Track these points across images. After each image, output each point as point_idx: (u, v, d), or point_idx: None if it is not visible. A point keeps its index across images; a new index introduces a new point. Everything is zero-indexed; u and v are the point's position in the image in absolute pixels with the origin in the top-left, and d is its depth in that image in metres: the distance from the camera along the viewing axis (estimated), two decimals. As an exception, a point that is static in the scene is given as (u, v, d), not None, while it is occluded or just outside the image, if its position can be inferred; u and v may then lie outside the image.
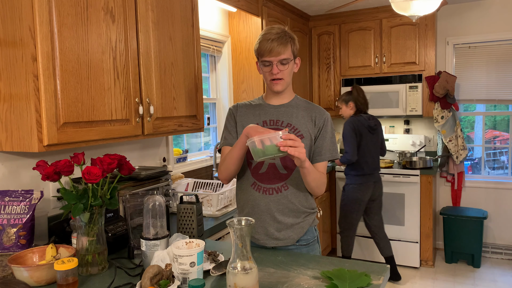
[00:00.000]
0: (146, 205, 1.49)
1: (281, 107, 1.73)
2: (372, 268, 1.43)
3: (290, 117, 1.70)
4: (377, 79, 4.22)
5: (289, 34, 1.66)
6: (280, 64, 1.64)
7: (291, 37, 1.66)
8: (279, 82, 1.66)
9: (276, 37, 1.61)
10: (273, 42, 1.61)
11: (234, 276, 1.15)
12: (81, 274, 1.45)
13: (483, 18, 4.07)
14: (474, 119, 4.39)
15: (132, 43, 1.88)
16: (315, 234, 1.78)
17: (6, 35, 1.52)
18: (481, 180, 4.23)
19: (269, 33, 1.63)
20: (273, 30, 1.64)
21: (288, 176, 1.68)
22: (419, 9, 2.58)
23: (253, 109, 1.76)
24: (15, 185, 1.79)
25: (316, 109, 1.74)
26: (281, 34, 1.62)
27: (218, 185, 2.65)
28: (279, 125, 1.70)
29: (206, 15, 3.28)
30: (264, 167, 1.69)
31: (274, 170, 1.68)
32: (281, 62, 1.63)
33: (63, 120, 1.56)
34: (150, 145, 2.60)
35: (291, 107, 1.73)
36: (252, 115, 1.74)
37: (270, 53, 1.62)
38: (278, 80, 1.66)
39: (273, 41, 1.61)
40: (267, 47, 1.61)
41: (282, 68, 1.64)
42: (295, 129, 1.68)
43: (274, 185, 1.68)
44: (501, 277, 3.71)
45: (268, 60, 1.64)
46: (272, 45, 1.61)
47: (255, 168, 1.70)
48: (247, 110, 1.76)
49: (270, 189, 1.68)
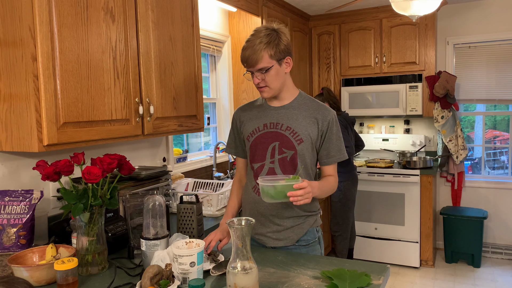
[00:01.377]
0: (146, 205, 1.49)
1: (281, 109, 1.69)
2: (372, 268, 1.43)
3: (289, 120, 1.66)
4: (377, 79, 4.22)
5: (268, 38, 1.54)
6: (259, 73, 1.58)
7: (268, 41, 1.54)
8: (264, 89, 1.63)
9: (249, 45, 1.55)
10: (246, 51, 1.55)
11: (234, 276, 1.15)
12: (81, 274, 1.45)
13: (483, 18, 4.07)
14: (474, 119, 4.39)
15: (132, 43, 1.88)
16: (317, 235, 1.76)
17: (6, 35, 1.52)
18: (481, 180, 4.23)
19: (247, 41, 1.57)
20: (250, 36, 1.57)
21: None
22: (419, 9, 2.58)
23: (256, 112, 1.74)
24: (15, 185, 1.79)
25: (320, 110, 1.67)
26: (255, 42, 1.53)
27: (218, 185, 2.65)
28: (278, 128, 1.66)
29: (206, 15, 3.28)
30: (264, 171, 1.69)
31: (273, 174, 1.68)
32: (259, 71, 1.58)
33: (63, 120, 1.56)
34: (150, 145, 2.60)
35: (292, 108, 1.68)
36: (255, 119, 1.72)
37: (246, 63, 1.58)
38: (263, 87, 1.62)
39: (245, 49, 1.56)
40: (243, 57, 1.57)
41: (261, 77, 1.59)
42: (294, 133, 1.65)
43: None
44: (501, 277, 3.71)
45: (248, 70, 1.61)
46: (244, 55, 1.56)
47: (256, 172, 1.71)
48: (250, 114, 1.75)
49: None
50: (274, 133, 1.67)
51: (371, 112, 4.25)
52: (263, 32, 1.56)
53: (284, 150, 1.65)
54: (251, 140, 1.71)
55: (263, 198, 1.46)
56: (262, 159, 1.69)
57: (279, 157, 1.66)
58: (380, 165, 4.03)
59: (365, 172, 4.05)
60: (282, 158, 1.66)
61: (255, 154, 1.70)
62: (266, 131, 1.68)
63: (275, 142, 1.66)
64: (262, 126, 1.69)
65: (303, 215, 1.70)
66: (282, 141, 1.65)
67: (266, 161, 1.68)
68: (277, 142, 1.66)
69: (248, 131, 1.72)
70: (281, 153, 1.66)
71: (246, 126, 1.73)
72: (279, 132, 1.66)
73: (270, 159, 1.67)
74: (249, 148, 1.72)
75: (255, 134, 1.70)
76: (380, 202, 4.03)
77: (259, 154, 1.69)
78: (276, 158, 1.66)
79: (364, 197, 4.09)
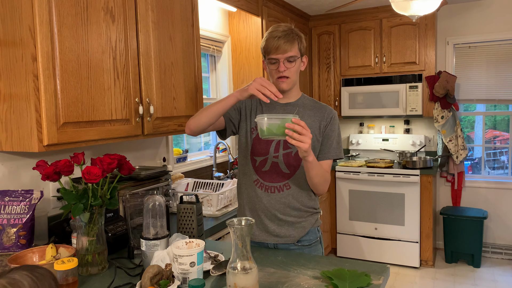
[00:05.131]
0: (146, 205, 1.49)
1: (288, 105, 1.73)
2: (372, 268, 1.43)
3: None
4: (377, 79, 4.22)
5: (296, 31, 1.65)
6: (287, 62, 1.63)
7: (298, 34, 1.64)
8: (285, 80, 1.65)
9: (282, 34, 1.60)
10: (279, 40, 1.60)
11: (234, 276, 1.15)
12: (81, 274, 1.45)
13: (483, 18, 4.07)
14: (474, 119, 4.39)
15: (132, 43, 1.88)
16: (318, 235, 1.77)
17: (6, 35, 1.52)
18: (481, 180, 4.23)
19: (276, 31, 1.62)
20: (279, 28, 1.63)
21: (291, 175, 1.69)
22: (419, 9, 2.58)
23: (260, 106, 1.75)
24: (15, 185, 1.79)
25: (323, 109, 1.73)
26: (287, 32, 1.61)
27: (218, 185, 2.66)
28: None
29: (206, 15, 3.28)
30: (267, 165, 1.69)
31: (277, 169, 1.68)
32: (287, 60, 1.62)
33: (63, 120, 1.56)
34: (150, 145, 2.60)
35: (297, 106, 1.73)
36: (259, 112, 1.74)
37: (277, 50, 1.61)
38: (285, 78, 1.65)
39: (279, 38, 1.60)
40: (274, 44, 1.60)
41: (289, 66, 1.63)
42: None
43: (276, 183, 1.68)
44: (501, 277, 3.71)
45: (275, 57, 1.62)
46: (278, 43, 1.60)
47: (258, 165, 1.71)
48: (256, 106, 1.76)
49: (272, 187, 1.68)
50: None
51: (371, 112, 4.25)
52: (288, 27, 1.64)
53: (289, 145, 1.66)
54: (256, 133, 1.71)
55: (260, 135, 1.42)
56: (265, 153, 1.69)
57: (283, 152, 1.68)
58: (380, 165, 4.03)
59: (365, 172, 4.05)
60: (286, 153, 1.68)
61: (258, 147, 1.70)
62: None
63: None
64: None
65: (304, 210, 1.71)
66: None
67: (269, 155, 1.69)
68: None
69: (253, 124, 1.73)
70: (286, 148, 1.68)
71: (252, 118, 1.74)
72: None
73: (274, 153, 1.68)
74: (252, 140, 1.72)
75: None
76: (380, 202, 4.03)
77: (263, 147, 1.70)
78: (281, 152, 1.68)
79: (364, 197, 4.09)
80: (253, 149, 1.72)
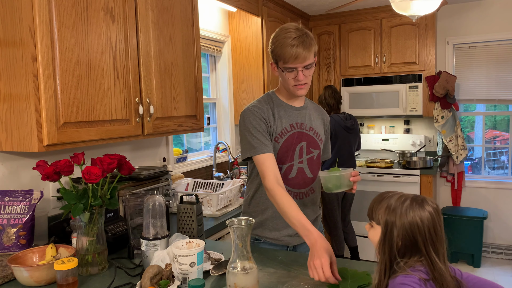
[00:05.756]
0: (146, 205, 1.49)
1: (301, 109, 1.72)
2: (373, 268, 1.43)
3: (310, 121, 1.72)
4: (377, 79, 4.22)
5: (309, 34, 1.57)
6: (305, 70, 1.57)
7: (311, 37, 1.57)
8: (303, 87, 1.60)
9: (299, 42, 1.51)
10: (298, 48, 1.51)
11: (234, 276, 1.15)
12: (81, 274, 1.45)
13: (483, 18, 4.07)
14: (474, 119, 4.39)
15: (132, 43, 1.88)
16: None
17: (6, 35, 1.52)
18: (481, 180, 4.23)
19: (290, 37, 1.52)
20: (292, 34, 1.53)
21: (314, 180, 1.73)
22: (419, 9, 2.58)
23: (278, 110, 1.67)
24: (15, 185, 1.79)
25: (322, 111, 1.83)
26: (303, 38, 1.53)
27: (218, 185, 2.65)
28: (304, 129, 1.69)
29: (206, 15, 3.28)
30: (293, 172, 1.68)
31: (303, 175, 1.69)
32: (306, 68, 1.56)
33: (63, 120, 1.56)
34: (150, 145, 2.60)
35: (308, 109, 1.75)
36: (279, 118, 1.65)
37: (296, 59, 1.53)
38: (303, 85, 1.60)
39: (297, 47, 1.51)
40: (292, 53, 1.51)
41: (307, 73, 1.58)
42: (316, 133, 1.73)
43: (303, 189, 1.71)
44: (501, 277, 3.71)
45: (293, 66, 1.55)
46: (297, 52, 1.51)
47: (285, 172, 1.67)
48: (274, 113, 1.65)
49: (300, 193, 1.70)
50: (300, 133, 1.68)
51: (371, 112, 4.25)
52: (301, 31, 1.56)
53: (312, 150, 1.71)
54: (281, 141, 1.65)
55: (326, 190, 1.52)
56: (291, 160, 1.67)
57: (307, 157, 1.69)
58: (380, 165, 4.03)
59: (365, 172, 4.05)
60: (310, 158, 1.70)
61: (285, 155, 1.66)
62: (294, 131, 1.68)
63: (302, 143, 1.69)
64: (289, 127, 1.67)
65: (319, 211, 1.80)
66: (309, 141, 1.70)
67: (294, 161, 1.68)
68: (304, 142, 1.69)
69: (277, 131, 1.65)
70: (309, 153, 1.70)
71: (275, 126, 1.65)
72: (304, 132, 1.69)
73: (298, 159, 1.68)
74: (278, 149, 1.65)
75: (285, 135, 1.66)
76: (380, 202, 4.02)
77: (289, 155, 1.66)
78: (305, 158, 1.69)
79: (364, 197, 4.09)
80: (279, 158, 1.66)
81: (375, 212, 1.12)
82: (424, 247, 1.04)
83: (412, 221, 1.04)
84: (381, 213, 1.09)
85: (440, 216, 1.10)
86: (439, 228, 1.08)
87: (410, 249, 1.05)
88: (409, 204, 1.07)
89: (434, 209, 1.09)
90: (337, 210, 3.73)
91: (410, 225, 1.04)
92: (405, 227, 1.04)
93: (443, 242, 1.09)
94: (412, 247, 1.05)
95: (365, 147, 4.58)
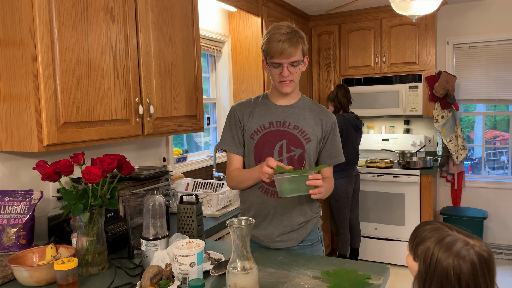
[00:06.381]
0: (146, 205, 1.49)
1: (288, 107, 1.70)
2: (372, 268, 1.43)
3: (297, 119, 1.67)
4: (377, 79, 4.22)
5: (299, 32, 1.59)
6: (290, 66, 1.58)
7: (301, 36, 1.59)
8: (288, 84, 1.62)
9: (286, 38, 1.53)
10: (283, 44, 1.53)
11: (234, 276, 1.15)
12: (81, 274, 1.45)
13: (483, 18, 4.07)
14: (474, 119, 4.39)
15: (132, 43, 1.88)
16: (319, 235, 1.78)
17: (6, 35, 1.52)
18: (481, 180, 4.23)
19: (279, 33, 1.55)
20: (282, 30, 1.56)
21: None
22: (419, 9, 2.58)
23: (258, 109, 1.71)
24: (15, 185, 1.79)
25: (323, 112, 1.73)
26: (291, 34, 1.55)
27: (218, 185, 2.65)
28: (286, 127, 1.66)
29: (206, 15, 3.28)
30: None
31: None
32: (291, 64, 1.58)
33: (63, 120, 1.56)
34: (150, 145, 2.60)
35: (298, 108, 1.70)
36: (258, 116, 1.69)
37: (281, 55, 1.55)
38: (288, 82, 1.61)
39: (283, 42, 1.53)
40: (278, 48, 1.54)
41: (292, 71, 1.59)
42: (302, 132, 1.66)
43: None
44: (501, 277, 3.71)
45: (278, 62, 1.57)
46: (283, 47, 1.53)
47: None
48: (251, 111, 1.71)
49: None
50: (281, 132, 1.67)
51: (371, 112, 4.25)
52: (291, 28, 1.58)
53: (292, 148, 1.66)
54: (256, 138, 1.68)
55: (281, 194, 1.44)
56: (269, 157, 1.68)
57: (287, 155, 1.66)
58: (380, 165, 4.03)
59: (365, 172, 4.05)
60: (290, 156, 1.66)
61: (262, 152, 1.67)
62: (272, 129, 1.67)
63: (282, 141, 1.66)
64: (267, 124, 1.68)
65: (309, 215, 1.71)
66: (290, 140, 1.66)
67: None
68: (285, 140, 1.66)
69: (252, 129, 1.69)
70: (289, 151, 1.66)
71: (249, 124, 1.70)
72: (286, 130, 1.66)
73: (278, 157, 1.66)
74: (254, 146, 1.68)
75: (260, 132, 1.67)
76: (380, 202, 4.03)
77: (266, 152, 1.66)
78: (285, 156, 1.66)
79: (364, 197, 4.09)
80: (256, 155, 1.68)
81: (416, 247, 1.06)
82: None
83: (448, 272, 0.97)
84: (421, 253, 1.03)
85: (488, 266, 1.01)
86: (481, 280, 0.99)
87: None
88: (448, 249, 0.99)
89: (480, 257, 0.99)
90: (347, 208, 3.72)
91: (447, 275, 0.97)
92: (439, 275, 0.98)
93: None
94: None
95: (365, 147, 4.58)
